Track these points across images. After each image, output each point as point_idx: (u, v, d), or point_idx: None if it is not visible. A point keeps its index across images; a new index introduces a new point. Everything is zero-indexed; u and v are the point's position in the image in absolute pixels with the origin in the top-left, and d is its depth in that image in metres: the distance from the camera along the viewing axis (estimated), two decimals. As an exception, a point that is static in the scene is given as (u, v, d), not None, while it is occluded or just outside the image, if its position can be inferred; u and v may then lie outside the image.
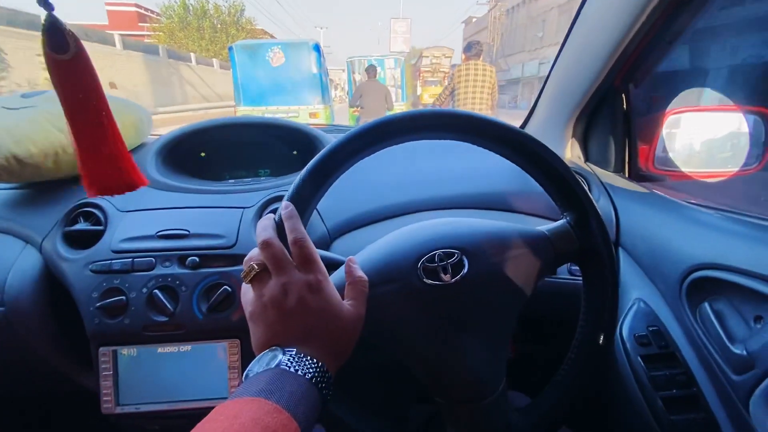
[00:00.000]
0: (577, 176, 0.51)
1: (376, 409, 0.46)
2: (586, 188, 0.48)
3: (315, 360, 0.34)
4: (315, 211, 0.58)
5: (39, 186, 0.71)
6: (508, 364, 0.47)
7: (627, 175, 0.77)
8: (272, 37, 26.05)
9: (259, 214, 0.67)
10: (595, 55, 0.69)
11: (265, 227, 0.38)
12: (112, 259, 0.60)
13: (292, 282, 0.36)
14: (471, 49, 3.77)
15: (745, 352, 0.44)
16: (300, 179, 0.41)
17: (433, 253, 0.44)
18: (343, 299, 0.39)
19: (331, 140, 0.77)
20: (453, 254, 0.44)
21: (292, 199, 0.40)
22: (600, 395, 0.64)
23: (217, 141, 0.86)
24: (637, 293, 0.61)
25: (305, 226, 0.40)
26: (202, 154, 0.86)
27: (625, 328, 0.58)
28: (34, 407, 0.88)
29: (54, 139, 0.67)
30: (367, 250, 0.47)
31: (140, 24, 29.99)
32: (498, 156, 0.48)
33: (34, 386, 0.74)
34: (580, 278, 0.64)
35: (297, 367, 0.33)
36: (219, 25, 21.00)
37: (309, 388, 0.32)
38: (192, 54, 16.04)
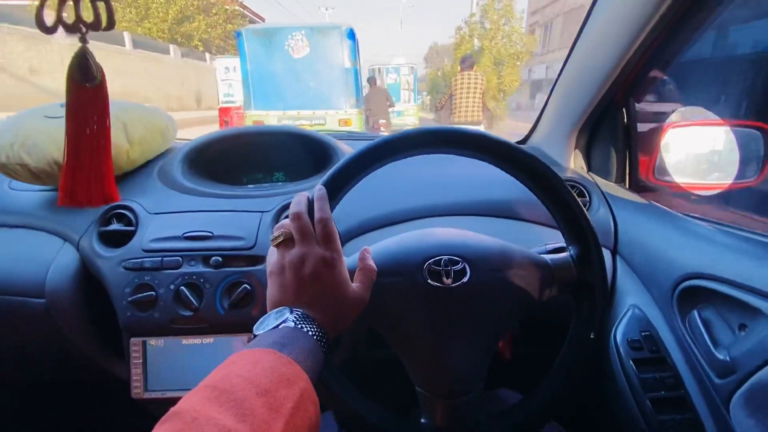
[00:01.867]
0: (578, 186, 0.54)
1: (380, 399, 0.50)
2: (588, 215, 0.51)
3: (318, 324, 0.39)
4: None
5: None
6: (505, 364, 0.52)
7: (627, 186, 0.80)
8: (260, 20, 17.79)
9: (276, 218, 0.72)
10: (598, 71, 0.72)
11: (299, 202, 0.44)
12: (143, 258, 0.66)
13: (311, 254, 0.41)
14: (465, 61, 4.89)
15: (728, 358, 0.46)
16: (336, 169, 0.46)
17: (440, 258, 0.48)
18: (352, 281, 0.44)
19: (343, 147, 0.81)
20: (457, 261, 0.48)
21: (326, 184, 0.45)
22: (591, 395, 0.67)
23: (236, 146, 0.91)
24: (632, 300, 0.63)
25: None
26: (224, 159, 0.91)
27: (619, 332, 0.61)
28: (68, 392, 0.94)
29: (90, 145, 0.73)
30: (382, 244, 0.52)
31: None
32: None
33: (69, 372, 0.80)
34: None
35: (303, 326, 0.38)
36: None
37: (314, 345, 0.37)
38: (125, 33, 10.29)
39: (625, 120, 0.77)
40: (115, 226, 0.70)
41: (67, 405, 0.95)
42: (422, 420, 0.50)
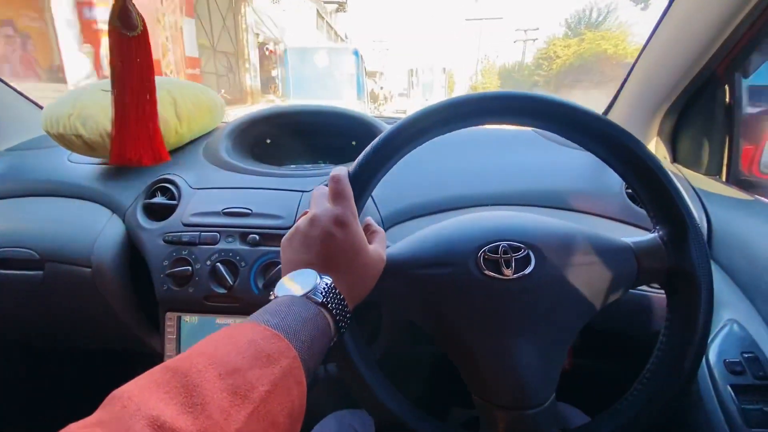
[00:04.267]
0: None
1: (417, 403, 0.44)
2: (686, 198, 0.41)
3: (331, 284, 0.34)
4: (370, 197, 0.58)
5: None
6: (562, 377, 0.43)
7: (724, 179, 0.67)
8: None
9: None
10: (696, 37, 0.60)
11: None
12: (182, 231, 0.65)
13: (319, 214, 0.37)
14: None
15: None
16: (381, 139, 0.42)
17: (498, 244, 0.41)
18: None
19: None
20: (519, 248, 0.41)
21: (368, 156, 0.42)
22: (673, 424, 0.56)
23: (282, 128, 0.89)
24: (729, 314, 0.53)
25: (366, 190, 0.42)
26: (268, 141, 0.90)
27: (713, 352, 0.50)
28: (104, 360, 0.98)
29: (141, 119, 0.74)
30: (428, 229, 0.45)
31: None
32: (565, 151, 0.44)
33: (107, 341, 0.83)
34: (651, 291, 0.57)
35: (310, 290, 0.33)
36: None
37: (317, 314, 0.32)
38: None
39: (728, 99, 0.64)
40: (158, 199, 0.69)
41: (103, 373, 0.99)
42: None
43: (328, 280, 0.34)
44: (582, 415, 0.55)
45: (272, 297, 0.34)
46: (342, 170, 0.40)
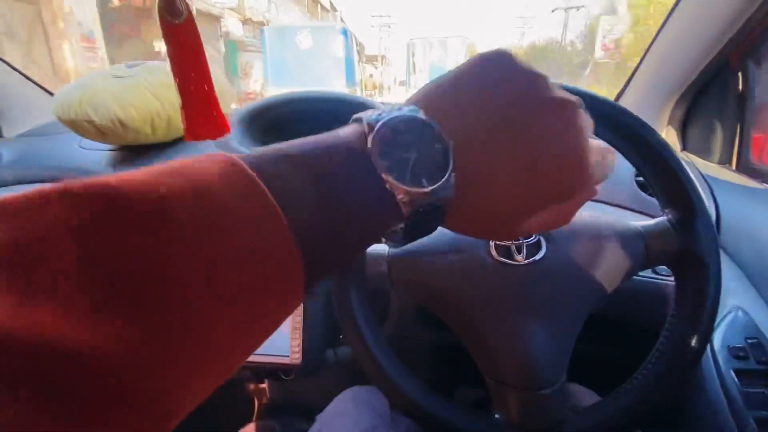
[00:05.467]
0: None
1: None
2: (695, 182, 0.41)
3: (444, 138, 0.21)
4: None
5: (136, 149, 0.79)
6: (572, 361, 0.44)
7: (734, 168, 0.67)
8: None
9: None
10: (710, 24, 0.60)
11: None
12: None
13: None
14: None
15: None
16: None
17: None
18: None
19: None
20: (530, 234, 0.41)
21: None
22: (676, 407, 0.58)
23: (294, 115, 0.88)
24: (735, 300, 0.53)
25: None
26: (280, 128, 0.90)
27: (717, 337, 0.51)
28: None
29: (152, 105, 0.74)
30: None
31: None
32: None
33: None
34: (661, 279, 0.58)
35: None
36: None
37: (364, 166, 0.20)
38: None
39: (740, 87, 0.64)
40: None
41: None
42: (496, 416, 0.44)
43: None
44: (592, 394, 0.56)
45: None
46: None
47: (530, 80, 0.22)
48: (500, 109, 0.21)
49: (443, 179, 0.20)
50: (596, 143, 0.24)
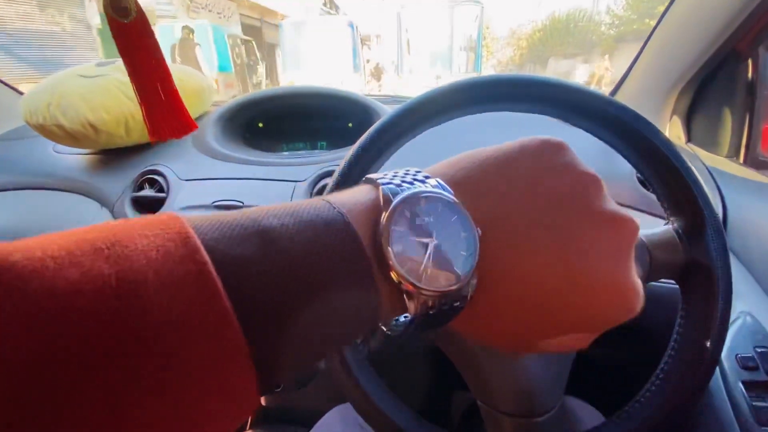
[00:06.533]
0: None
1: (419, 396, 0.42)
2: (704, 185, 0.38)
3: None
4: None
5: (112, 153, 0.75)
6: (572, 367, 0.41)
7: (742, 161, 0.63)
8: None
9: (311, 188, 0.65)
10: (718, 8, 0.55)
11: None
12: None
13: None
14: None
15: None
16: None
17: None
18: None
19: (389, 111, 0.71)
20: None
21: (362, 148, 0.38)
22: (680, 422, 0.55)
23: (274, 111, 0.85)
24: (743, 305, 0.50)
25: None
26: (260, 125, 0.86)
27: (724, 346, 0.48)
28: None
29: (124, 107, 0.70)
30: None
31: None
32: (573, 132, 0.40)
33: None
34: (668, 283, 0.54)
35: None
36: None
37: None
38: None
39: (750, 75, 0.60)
40: (146, 191, 0.67)
41: None
42: None
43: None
44: (593, 412, 0.54)
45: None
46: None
47: (585, 185, 0.19)
48: (546, 209, 0.18)
49: (464, 277, 0.17)
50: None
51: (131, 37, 0.44)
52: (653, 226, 0.42)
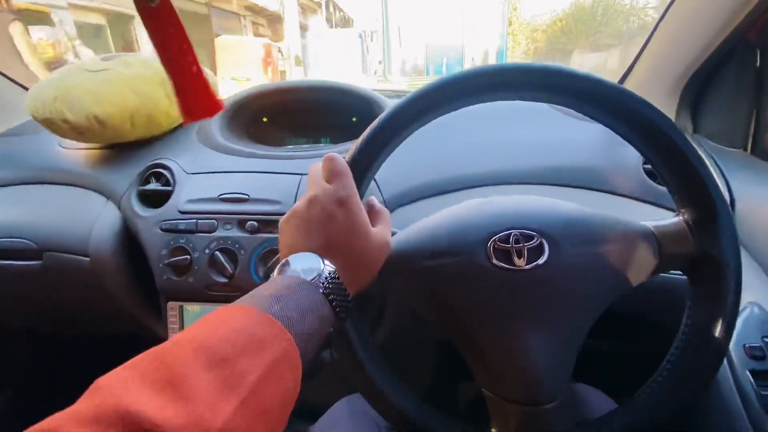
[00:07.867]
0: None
1: (425, 387, 0.43)
2: (715, 177, 0.38)
3: (333, 272, 0.32)
4: (373, 179, 0.55)
5: (118, 147, 0.76)
6: (581, 356, 0.41)
7: (750, 152, 0.63)
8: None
9: None
10: None
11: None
12: (178, 219, 0.63)
13: (317, 195, 0.35)
14: None
15: None
16: (378, 123, 0.39)
17: (509, 232, 0.38)
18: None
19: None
20: (532, 237, 0.38)
21: (367, 140, 0.39)
22: (689, 411, 0.55)
23: (279, 106, 0.85)
24: (751, 296, 0.50)
25: (367, 176, 0.40)
26: (264, 119, 0.86)
27: (732, 335, 0.48)
28: (113, 347, 0.99)
29: (130, 101, 0.70)
30: (428, 219, 0.42)
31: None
32: (579, 124, 0.40)
33: (114, 328, 0.82)
34: (677, 275, 0.54)
35: (313, 277, 0.31)
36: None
37: (319, 301, 0.30)
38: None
39: (758, 64, 0.59)
40: (153, 185, 0.67)
41: (113, 359, 1.00)
42: (492, 430, 0.41)
43: (330, 267, 0.32)
44: (606, 399, 0.54)
45: (274, 275, 0.32)
46: (335, 154, 0.37)
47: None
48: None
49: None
50: None
51: (159, 20, 0.45)
52: (660, 218, 0.42)
